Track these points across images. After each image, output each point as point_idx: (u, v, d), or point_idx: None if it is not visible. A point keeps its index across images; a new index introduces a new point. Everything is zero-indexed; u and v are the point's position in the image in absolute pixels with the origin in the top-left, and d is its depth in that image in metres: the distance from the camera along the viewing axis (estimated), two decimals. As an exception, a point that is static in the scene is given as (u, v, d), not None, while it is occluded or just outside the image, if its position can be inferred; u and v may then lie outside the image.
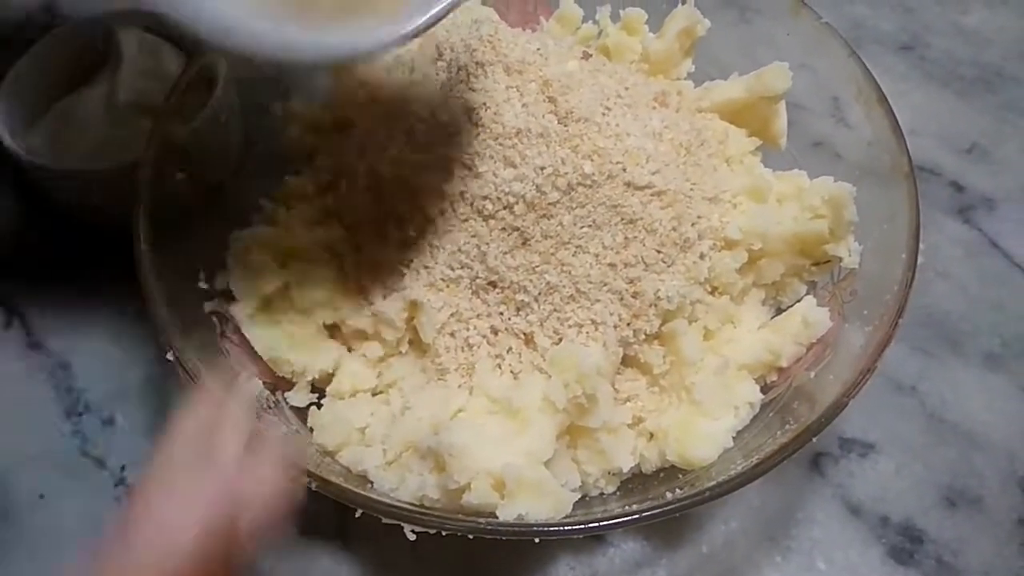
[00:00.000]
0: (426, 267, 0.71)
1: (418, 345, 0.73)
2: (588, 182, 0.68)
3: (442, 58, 0.76)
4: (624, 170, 0.69)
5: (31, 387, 0.87)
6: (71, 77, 0.99)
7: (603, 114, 0.71)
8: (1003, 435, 0.83)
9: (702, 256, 0.72)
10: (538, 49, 0.72)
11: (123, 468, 0.82)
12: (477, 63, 0.71)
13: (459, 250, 0.70)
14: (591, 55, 0.79)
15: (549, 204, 0.68)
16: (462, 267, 0.70)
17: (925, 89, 1.10)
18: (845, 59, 0.78)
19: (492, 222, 0.69)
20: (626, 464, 0.67)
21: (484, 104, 0.69)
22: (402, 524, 0.57)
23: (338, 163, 0.78)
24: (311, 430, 0.70)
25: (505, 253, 0.69)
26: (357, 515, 0.58)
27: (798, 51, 0.83)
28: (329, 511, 0.79)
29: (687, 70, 0.88)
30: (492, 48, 0.72)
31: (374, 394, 0.73)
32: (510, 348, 0.70)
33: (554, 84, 0.70)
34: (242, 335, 0.71)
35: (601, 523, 0.58)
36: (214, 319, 0.73)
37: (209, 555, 0.50)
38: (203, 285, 0.73)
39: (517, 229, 0.69)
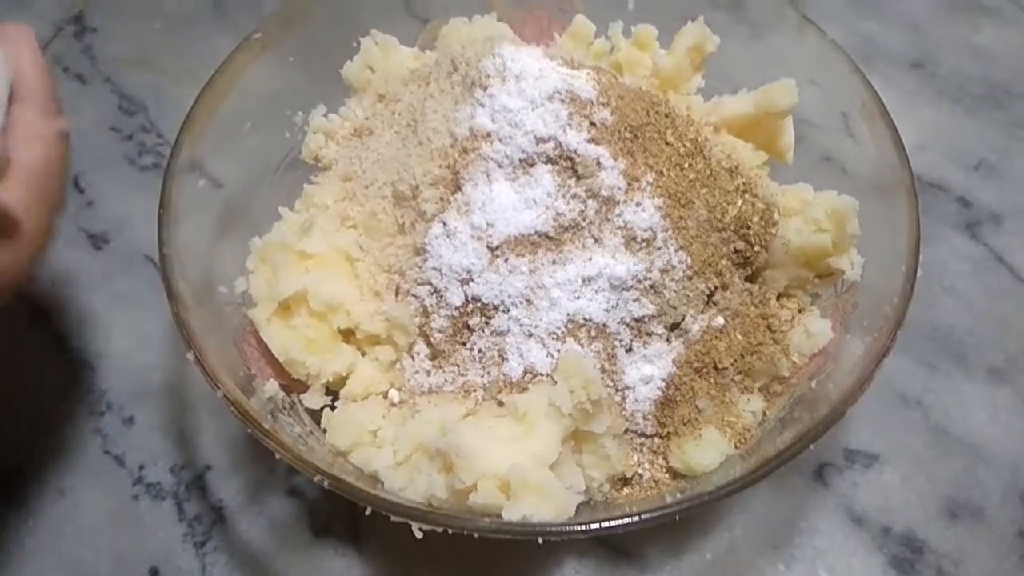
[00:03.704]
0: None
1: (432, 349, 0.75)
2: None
3: (457, 71, 0.78)
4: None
5: (55, 386, 0.90)
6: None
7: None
8: (1006, 448, 0.84)
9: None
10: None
11: (141, 467, 0.85)
12: (487, 76, 0.74)
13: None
14: (603, 70, 0.81)
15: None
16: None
17: (935, 106, 1.11)
18: (849, 75, 0.80)
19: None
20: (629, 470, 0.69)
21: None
22: (410, 523, 0.59)
23: (356, 172, 0.80)
24: (324, 431, 0.72)
25: (519, 256, 0.71)
26: (367, 512, 0.60)
27: (807, 67, 0.85)
28: (342, 513, 0.81)
29: (697, 85, 0.89)
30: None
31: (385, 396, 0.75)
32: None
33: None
34: (260, 338, 0.73)
35: (602, 524, 0.59)
36: (233, 322, 0.75)
37: None
38: (223, 289, 0.76)
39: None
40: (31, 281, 0.97)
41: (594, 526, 0.59)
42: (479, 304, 0.71)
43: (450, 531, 0.59)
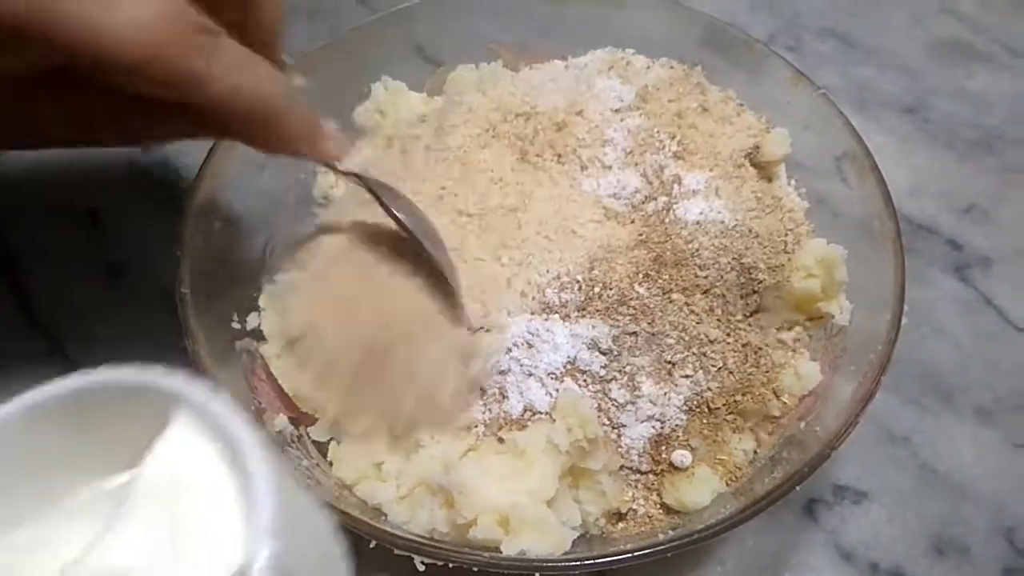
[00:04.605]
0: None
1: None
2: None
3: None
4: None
5: (72, 414, 0.93)
6: None
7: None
8: (991, 487, 0.86)
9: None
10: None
11: (154, 493, 0.88)
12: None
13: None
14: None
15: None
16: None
17: (928, 150, 1.14)
18: (840, 128, 0.83)
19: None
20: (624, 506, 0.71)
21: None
22: (412, 555, 0.62)
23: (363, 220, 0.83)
24: (331, 464, 0.75)
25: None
26: (371, 546, 0.62)
27: (802, 113, 0.89)
28: (345, 542, 0.84)
29: (694, 130, 0.92)
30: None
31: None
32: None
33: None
34: (270, 372, 0.77)
35: (596, 560, 0.62)
36: (245, 357, 0.78)
37: None
38: (236, 325, 0.79)
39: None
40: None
41: (588, 562, 0.62)
42: (482, 343, 0.74)
43: (450, 564, 0.62)
